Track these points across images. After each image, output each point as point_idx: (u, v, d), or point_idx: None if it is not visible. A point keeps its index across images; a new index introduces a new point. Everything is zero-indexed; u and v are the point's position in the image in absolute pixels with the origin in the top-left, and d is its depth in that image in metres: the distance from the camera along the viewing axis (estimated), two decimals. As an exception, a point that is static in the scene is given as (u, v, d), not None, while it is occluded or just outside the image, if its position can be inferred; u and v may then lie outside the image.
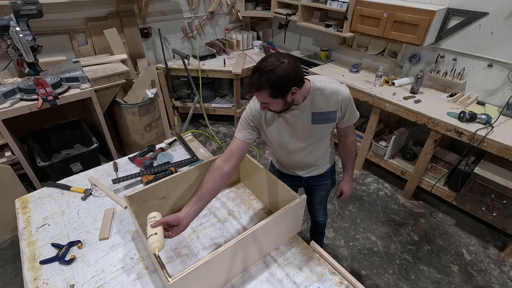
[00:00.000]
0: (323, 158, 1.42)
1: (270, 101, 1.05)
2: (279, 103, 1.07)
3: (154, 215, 1.04)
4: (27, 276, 1.10)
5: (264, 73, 0.99)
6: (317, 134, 1.27)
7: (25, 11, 1.93)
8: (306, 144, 1.29)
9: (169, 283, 0.84)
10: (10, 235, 2.20)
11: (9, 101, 2.00)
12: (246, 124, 1.22)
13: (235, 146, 1.19)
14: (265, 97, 1.03)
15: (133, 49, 2.98)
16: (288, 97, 1.06)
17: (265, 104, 1.08)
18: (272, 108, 1.10)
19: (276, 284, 1.09)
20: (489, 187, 2.02)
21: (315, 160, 1.40)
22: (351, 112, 1.25)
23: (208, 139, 3.36)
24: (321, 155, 1.39)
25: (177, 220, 1.03)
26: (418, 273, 2.00)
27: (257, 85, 1.01)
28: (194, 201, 1.07)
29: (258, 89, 1.02)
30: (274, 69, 0.98)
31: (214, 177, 1.11)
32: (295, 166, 1.44)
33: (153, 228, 0.98)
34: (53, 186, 1.51)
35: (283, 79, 1.00)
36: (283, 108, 1.11)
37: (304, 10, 3.08)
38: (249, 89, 1.06)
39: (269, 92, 1.01)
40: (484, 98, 2.35)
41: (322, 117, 1.20)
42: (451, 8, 2.28)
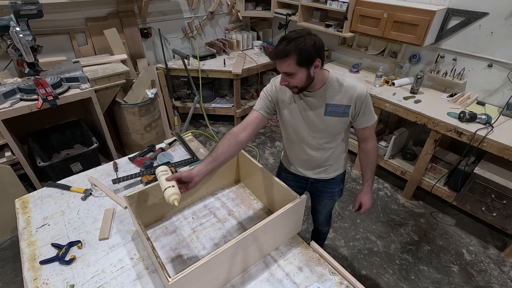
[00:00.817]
0: (333, 161, 1.38)
1: (295, 70, 1.04)
2: (302, 75, 1.06)
3: (164, 168, 1.06)
4: (27, 276, 1.10)
5: (293, 39, 1.01)
6: (329, 127, 1.24)
7: (25, 11, 1.93)
8: (315, 135, 1.28)
9: (169, 283, 0.84)
10: (10, 235, 2.20)
11: (9, 101, 2.00)
12: (265, 98, 1.26)
13: (252, 117, 1.23)
14: (291, 64, 1.03)
15: (133, 49, 2.98)
16: (311, 69, 1.07)
17: (288, 76, 1.07)
18: (294, 81, 1.08)
19: (276, 284, 1.09)
20: (489, 187, 2.02)
21: (323, 161, 1.36)
22: (366, 112, 1.21)
23: (208, 139, 3.36)
24: (331, 156, 1.35)
25: (190, 177, 1.04)
26: (418, 273, 2.00)
27: (284, 50, 1.01)
28: (208, 161, 1.09)
29: (285, 54, 1.01)
30: (302, 36, 1.02)
31: (230, 142, 1.13)
32: (302, 162, 1.41)
33: (168, 181, 0.98)
34: (53, 186, 1.51)
35: (310, 48, 1.02)
36: (304, 83, 1.09)
37: (304, 10, 3.08)
38: (274, 56, 1.05)
39: (296, 59, 1.01)
40: (484, 98, 2.35)
41: (335, 109, 1.19)
42: (451, 8, 2.28)
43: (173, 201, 0.94)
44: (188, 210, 1.40)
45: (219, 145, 1.13)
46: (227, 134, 1.17)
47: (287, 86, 1.13)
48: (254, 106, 1.27)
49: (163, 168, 1.06)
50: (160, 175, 1.03)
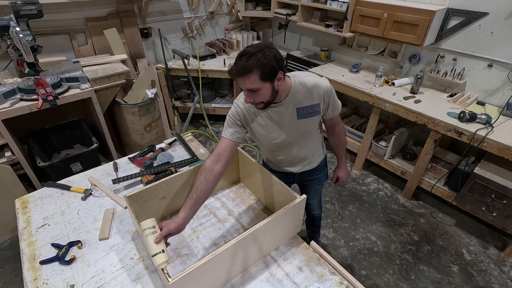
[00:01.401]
0: (314, 152, 1.43)
1: (260, 86, 1.02)
2: (267, 90, 1.05)
3: (151, 224, 0.95)
4: (27, 276, 1.10)
5: (252, 54, 0.99)
6: (304, 128, 1.27)
7: (25, 11, 1.93)
8: (294, 139, 1.30)
9: (169, 283, 0.84)
10: (10, 235, 2.20)
11: (9, 101, 2.00)
12: (232, 122, 1.21)
13: (222, 146, 1.17)
14: (255, 80, 1.01)
15: (133, 49, 2.98)
16: (275, 82, 1.06)
17: (253, 93, 1.05)
18: (259, 97, 1.07)
19: (276, 284, 1.09)
20: (489, 187, 2.02)
21: (306, 155, 1.40)
22: (334, 103, 1.27)
23: (208, 139, 3.36)
24: (311, 149, 1.40)
25: (179, 228, 1.01)
26: (418, 273, 2.00)
27: (246, 66, 0.99)
28: (190, 205, 1.04)
29: (247, 71, 0.99)
30: (261, 50, 1.00)
31: (207, 179, 1.10)
32: (287, 163, 1.43)
33: (157, 244, 0.92)
34: (53, 186, 1.51)
35: (271, 61, 1.00)
36: (270, 97, 1.08)
37: (304, 10, 3.08)
38: (236, 73, 1.02)
39: (259, 74, 1.00)
40: (484, 98, 2.35)
41: (306, 111, 1.21)
42: (451, 8, 2.28)
43: (163, 268, 0.89)
44: (188, 210, 1.40)
45: (197, 184, 1.08)
46: (202, 170, 1.12)
47: (253, 104, 1.11)
48: (222, 134, 1.21)
49: (150, 224, 0.95)
50: (147, 233, 0.92)
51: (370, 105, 2.56)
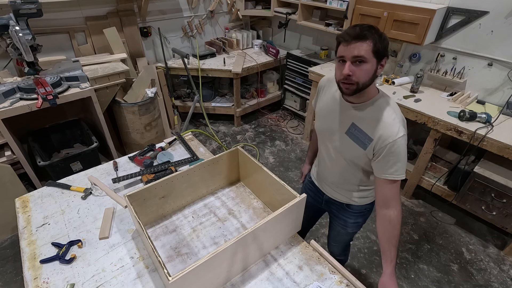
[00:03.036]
0: (348, 187, 1.26)
1: (368, 57, 0.94)
2: (371, 67, 0.96)
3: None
4: (28, 275, 1.10)
5: (371, 27, 0.96)
6: (346, 150, 1.14)
7: (25, 10, 1.93)
8: (332, 148, 1.21)
9: (170, 282, 0.85)
10: (10, 234, 2.21)
11: (9, 101, 2.00)
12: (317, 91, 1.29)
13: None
14: (367, 49, 0.94)
15: (133, 48, 2.97)
16: (379, 66, 0.99)
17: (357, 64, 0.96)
18: (360, 72, 0.96)
19: (276, 283, 1.09)
20: (489, 186, 2.02)
21: (338, 182, 1.27)
22: (385, 159, 1.02)
23: (208, 138, 3.36)
24: (346, 180, 1.24)
25: None
26: (418, 272, 2.01)
27: (363, 34, 0.93)
28: None
29: (363, 37, 0.93)
30: (377, 28, 0.97)
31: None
32: (320, 169, 1.36)
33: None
34: (53, 185, 1.51)
35: (386, 40, 0.97)
36: (367, 79, 0.98)
37: (304, 9, 3.07)
38: (355, 36, 0.93)
39: (373, 45, 0.93)
40: (484, 97, 2.35)
41: (357, 133, 1.07)
42: (451, 7, 2.27)
43: None
44: (188, 209, 1.40)
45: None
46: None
47: (347, 80, 0.98)
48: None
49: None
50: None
51: (370, 104, 2.55)
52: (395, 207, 1.08)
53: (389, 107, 1.04)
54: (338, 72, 1.01)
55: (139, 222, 1.06)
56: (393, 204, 1.08)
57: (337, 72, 1.02)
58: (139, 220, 1.06)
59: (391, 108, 1.04)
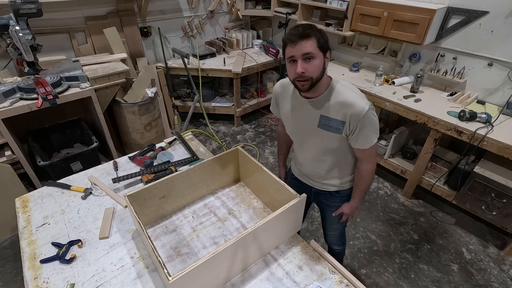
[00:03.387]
0: (332, 175, 1.32)
1: (315, 52, 1.02)
2: (319, 62, 1.04)
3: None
4: (28, 275, 1.10)
5: (311, 26, 1.03)
6: (326, 143, 1.19)
7: (25, 10, 1.93)
8: (310, 146, 1.25)
9: (170, 282, 0.85)
10: (10, 234, 2.21)
11: (9, 100, 2.00)
12: (273, 98, 1.33)
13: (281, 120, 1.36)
14: (312, 45, 1.01)
15: (133, 48, 2.97)
16: (326, 59, 1.07)
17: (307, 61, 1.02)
18: (311, 68, 1.03)
19: (276, 283, 1.09)
20: (489, 186, 2.02)
21: (324, 172, 1.31)
22: (361, 134, 1.11)
23: (208, 138, 3.36)
24: (331, 169, 1.29)
25: None
26: (418, 272, 2.01)
27: (306, 32, 1.00)
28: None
29: (307, 36, 1.00)
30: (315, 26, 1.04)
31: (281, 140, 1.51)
32: (304, 168, 1.38)
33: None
34: (53, 185, 1.51)
35: (326, 35, 1.05)
36: (319, 74, 1.05)
37: (304, 9, 3.07)
38: (299, 36, 1.00)
39: (317, 41, 1.01)
40: (484, 97, 2.35)
41: (328, 123, 1.14)
42: (451, 7, 2.27)
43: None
44: (188, 209, 1.40)
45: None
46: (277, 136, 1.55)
47: (301, 77, 1.04)
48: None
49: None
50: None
51: (370, 104, 2.55)
52: (370, 163, 1.24)
53: (346, 88, 1.12)
54: (291, 72, 1.07)
55: (139, 222, 1.06)
56: (369, 161, 1.24)
57: (290, 72, 1.09)
58: (139, 220, 1.06)
59: (348, 89, 1.12)
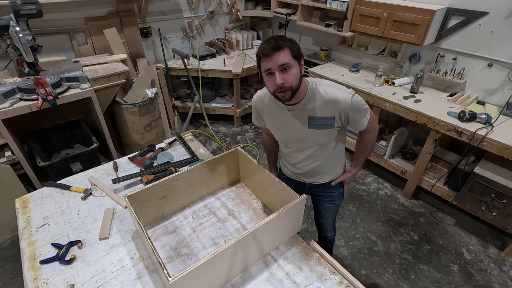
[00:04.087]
0: (328, 166, 1.35)
1: (291, 62, 1.04)
2: (296, 70, 1.06)
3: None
4: (27, 275, 1.10)
5: (280, 37, 1.05)
6: (315, 139, 1.23)
7: (25, 10, 1.93)
8: (305, 147, 1.27)
9: (169, 282, 0.84)
10: (10, 235, 2.20)
11: (9, 101, 2.00)
12: (254, 111, 1.34)
13: (264, 128, 1.41)
14: (287, 56, 1.02)
15: (133, 49, 2.97)
16: (301, 66, 1.09)
17: (284, 72, 1.04)
18: (290, 77, 1.04)
19: (276, 283, 1.09)
20: (489, 187, 2.02)
21: (319, 168, 1.34)
22: (356, 119, 1.18)
23: (208, 139, 3.36)
24: (324, 163, 1.33)
25: None
26: (418, 272, 2.00)
27: (278, 45, 1.01)
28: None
29: (280, 47, 1.02)
30: (284, 36, 1.06)
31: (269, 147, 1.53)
32: (298, 170, 1.39)
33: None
34: (53, 186, 1.51)
35: (297, 44, 1.07)
36: (298, 82, 1.07)
37: (304, 9, 3.08)
38: (270, 50, 1.02)
39: (291, 50, 1.03)
40: (484, 98, 2.35)
41: (319, 121, 1.17)
42: (451, 7, 2.27)
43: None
44: (188, 209, 1.40)
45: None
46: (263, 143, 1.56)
47: (281, 89, 1.06)
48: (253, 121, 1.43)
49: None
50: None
51: (370, 105, 2.54)
52: (372, 131, 1.29)
53: (325, 86, 1.16)
54: (271, 84, 1.08)
55: (139, 222, 1.06)
56: (370, 130, 1.28)
57: (269, 85, 1.10)
58: (139, 221, 1.06)
59: (327, 85, 1.16)
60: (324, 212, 1.57)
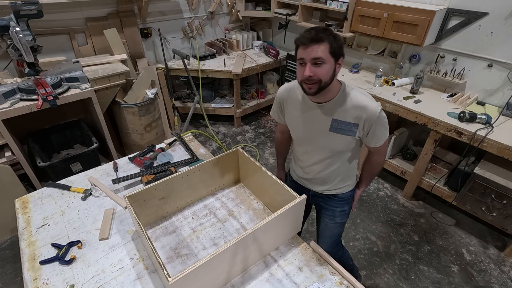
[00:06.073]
0: (336, 178, 1.32)
1: (326, 57, 1.00)
2: (329, 67, 1.02)
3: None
4: (27, 276, 1.10)
5: (325, 29, 1.01)
6: (332, 144, 1.20)
7: (25, 11, 1.93)
8: (319, 150, 1.24)
9: (169, 283, 0.84)
10: (10, 235, 2.20)
11: (9, 101, 2.00)
12: (277, 103, 1.32)
13: (280, 125, 1.42)
14: (324, 50, 0.99)
15: (133, 49, 2.98)
16: (337, 65, 1.05)
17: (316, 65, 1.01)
18: (320, 72, 1.02)
19: (276, 284, 1.09)
20: (489, 187, 2.02)
21: (327, 177, 1.32)
22: (376, 134, 1.15)
23: (208, 139, 3.36)
24: (333, 173, 1.30)
25: None
26: (418, 273, 2.00)
27: (318, 37, 0.98)
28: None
29: (319, 40, 0.98)
30: (330, 30, 1.02)
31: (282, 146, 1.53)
32: (305, 175, 1.37)
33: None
34: (53, 186, 1.51)
35: (340, 40, 1.03)
36: (328, 79, 1.04)
37: (304, 10, 3.08)
38: (311, 39, 0.99)
39: (329, 46, 1.00)
40: (484, 98, 2.35)
41: (341, 126, 1.14)
42: (451, 8, 2.28)
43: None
44: (188, 210, 1.40)
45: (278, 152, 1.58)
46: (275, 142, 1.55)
47: (309, 80, 1.04)
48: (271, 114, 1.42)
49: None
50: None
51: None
52: (382, 155, 1.31)
53: (357, 92, 1.13)
54: (300, 73, 1.06)
55: (139, 223, 1.06)
56: (381, 154, 1.30)
57: (298, 74, 1.08)
58: (139, 221, 1.06)
59: (359, 92, 1.14)
60: (322, 228, 1.50)
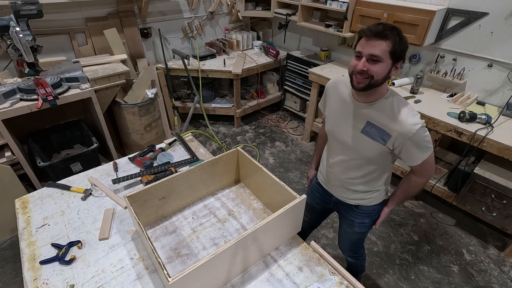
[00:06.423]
0: (357, 185, 1.26)
1: (384, 57, 0.97)
2: (385, 67, 0.99)
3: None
4: (27, 276, 1.10)
5: (393, 28, 0.97)
6: (361, 148, 1.15)
7: (25, 11, 1.93)
8: (347, 151, 1.21)
9: (169, 283, 0.84)
10: (10, 235, 2.20)
11: (9, 101, 2.00)
12: (324, 94, 1.31)
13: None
14: (385, 49, 0.96)
15: (133, 49, 2.98)
16: (394, 68, 1.01)
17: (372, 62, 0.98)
18: (374, 69, 0.99)
19: (276, 284, 1.09)
20: (489, 187, 2.02)
21: (350, 182, 1.27)
22: (409, 152, 1.07)
23: (208, 139, 3.36)
24: (358, 180, 1.25)
25: None
26: (418, 273, 2.00)
27: (385, 33, 0.95)
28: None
29: (384, 36, 0.95)
30: (399, 29, 0.98)
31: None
32: (329, 173, 1.35)
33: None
34: (53, 186, 1.51)
35: (405, 43, 0.99)
36: (380, 78, 1.00)
37: (304, 10, 3.08)
38: (372, 33, 0.96)
39: (391, 45, 0.95)
40: (484, 98, 2.35)
41: (374, 130, 1.09)
42: (451, 8, 2.28)
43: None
44: (188, 210, 1.40)
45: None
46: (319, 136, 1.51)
47: (361, 74, 1.01)
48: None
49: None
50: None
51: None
52: (422, 177, 1.18)
53: (401, 103, 1.07)
54: (353, 64, 1.04)
55: (139, 223, 1.06)
56: (420, 175, 1.17)
57: (351, 64, 1.05)
58: (139, 221, 1.06)
59: (403, 104, 1.07)
60: (342, 232, 1.52)
